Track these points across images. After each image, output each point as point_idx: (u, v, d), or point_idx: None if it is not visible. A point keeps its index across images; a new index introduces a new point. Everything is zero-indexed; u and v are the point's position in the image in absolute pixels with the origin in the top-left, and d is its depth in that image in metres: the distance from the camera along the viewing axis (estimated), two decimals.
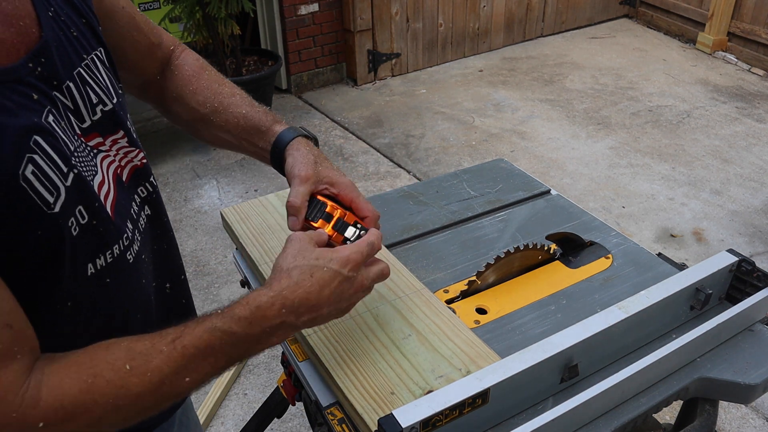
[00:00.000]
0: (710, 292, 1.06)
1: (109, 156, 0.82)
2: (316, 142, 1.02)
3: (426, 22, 4.97)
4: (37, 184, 0.66)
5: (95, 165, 0.78)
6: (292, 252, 0.81)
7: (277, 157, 0.99)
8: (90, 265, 0.76)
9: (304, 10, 4.47)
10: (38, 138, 0.67)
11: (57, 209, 0.68)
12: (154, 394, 0.70)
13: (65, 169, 0.70)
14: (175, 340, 0.71)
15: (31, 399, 0.63)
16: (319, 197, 0.93)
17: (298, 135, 0.99)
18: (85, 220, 0.74)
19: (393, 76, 4.99)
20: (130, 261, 0.83)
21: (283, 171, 0.98)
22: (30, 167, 0.65)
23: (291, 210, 0.90)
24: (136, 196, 0.88)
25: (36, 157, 0.66)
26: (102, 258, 0.77)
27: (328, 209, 0.91)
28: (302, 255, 0.80)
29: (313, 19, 4.55)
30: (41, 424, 0.64)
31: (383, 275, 0.88)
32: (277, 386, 1.44)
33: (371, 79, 4.90)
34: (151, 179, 0.93)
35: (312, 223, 0.91)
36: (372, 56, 4.81)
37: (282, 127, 1.00)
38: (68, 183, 0.71)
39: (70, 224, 0.71)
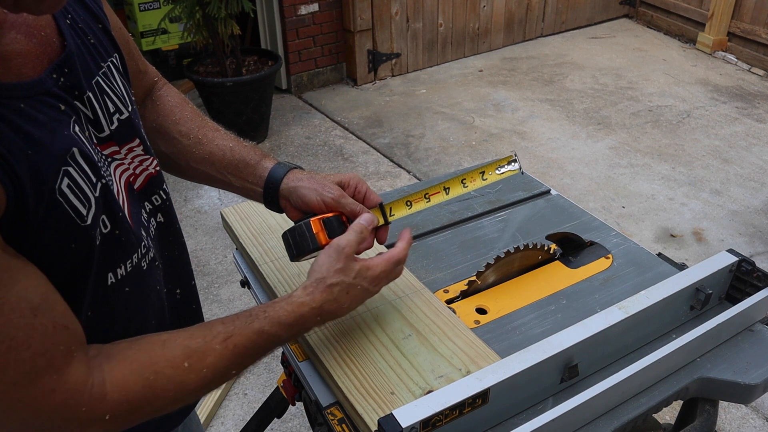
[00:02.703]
0: (710, 292, 1.06)
1: (123, 164, 0.82)
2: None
3: (426, 22, 4.97)
4: (72, 198, 0.67)
5: (110, 174, 0.78)
6: (337, 267, 0.87)
7: (271, 192, 0.98)
8: (110, 275, 0.76)
9: (304, 10, 4.47)
10: (75, 150, 0.68)
11: (89, 221, 0.69)
12: (208, 386, 0.78)
13: (94, 180, 0.71)
14: (226, 339, 0.78)
15: (97, 395, 0.68)
16: (323, 216, 0.95)
17: (291, 168, 0.99)
18: (108, 230, 0.74)
19: (393, 76, 4.99)
20: (146, 269, 0.84)
21: (277, 205, 0.99)
22: (66, 181, 0.66)
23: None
24: (147, 204, 0.88)
25: (71, 170, 0.67)
26: (123, 267, 0.78)
27: (343, 219, 0.96)
28: (344, 272, 0.87)
29: (313, 19, 4.55)
30: (107, 417, 0.69)
31: (396, 278, 0.96)
32: (277, 386, 1.44)
33: (371, 79, 4.90)
34: (164, 186, 0.92)
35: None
36: (372, 56, 4.81)
37: (271, 162, 1.00)
38: (97, 193, 0.71)
39: (96, 234, 0.71)
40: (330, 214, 0.94)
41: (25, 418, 0.65)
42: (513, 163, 0.93)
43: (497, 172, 0.94)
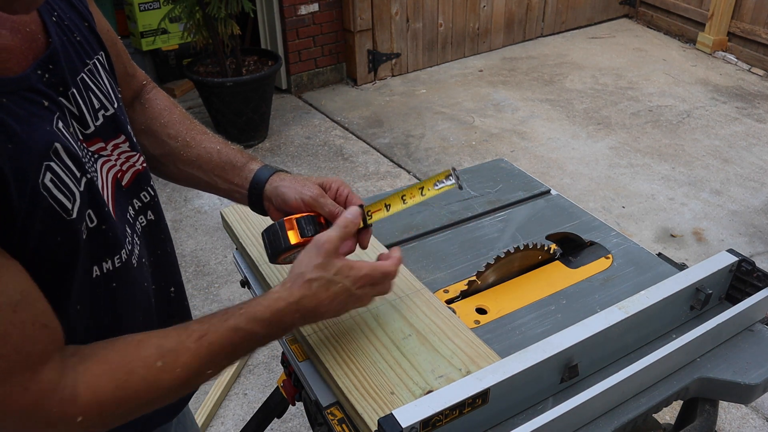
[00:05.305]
0: (710, 292, 1.06)
1: (110, 161, 0.82)
2: None
3: (426, 22, 4.97)
4: (56, 192, 0.67)
5: (96, 170, 0.78)
6: (316, 262, 0.85)
7: (255, 194, 0.99)
8: (96, 268, 0.77)
9: (304, 10, 4.47)
10: (57, 146, 0.68)
11: (75, 215, 0.69)
12: (183, 386, 0.76)
13: (79, 175, 0.71)
14: (201, 337, 0.77)
15: (69, 396, 0.67)
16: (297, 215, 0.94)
17: (277, 170, 0.99)
18: (94, 224, 0.74)
19: (393, 76, 4.99)
20: (134, 265, 0.84)
21: (261, 207, 0.99)
22: (48, 175, 0.66)
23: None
24: (135, 201, 0.88)
25: (53, 165, 0.67)
26: (109, 262, 0.78)
27: (319, 219, 0.95)
28: (324, 268, 0.84)
29: (313, 19, 4.55)
30: (80, 419, 0.68)
31: (383, 293, 0.93)
32: (277, 386, 1.44)
33: (371, 79, 4.90)
34: (151, 183, 0.92)
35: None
36: (372, 56, 4.81)
37: (258, 164, 1.00)
38: (81, 188, 0.71)
39: (82, 228, 0.71)
40: (305, 214, 0.93)
41: None
42: (449, 178, 0.93)
43: (435, 187, 0.93)
